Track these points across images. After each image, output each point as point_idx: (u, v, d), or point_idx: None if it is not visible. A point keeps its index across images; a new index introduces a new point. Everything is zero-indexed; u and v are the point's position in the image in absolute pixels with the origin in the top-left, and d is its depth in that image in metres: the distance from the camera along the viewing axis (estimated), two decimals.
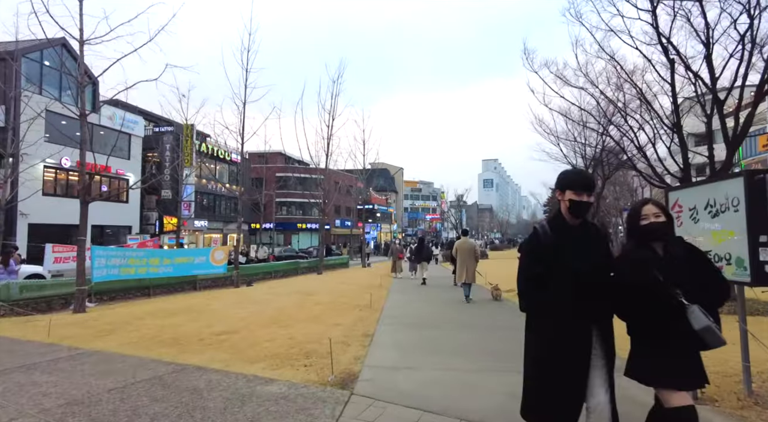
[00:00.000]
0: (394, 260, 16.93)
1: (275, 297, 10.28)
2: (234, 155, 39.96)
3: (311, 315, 7.67)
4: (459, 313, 8.75)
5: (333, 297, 10.06)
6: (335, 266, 25.94)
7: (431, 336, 6.44)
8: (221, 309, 8.64)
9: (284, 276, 20.44)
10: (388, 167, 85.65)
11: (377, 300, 9.91)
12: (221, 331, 6.52)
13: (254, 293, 11.82)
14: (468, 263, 10.25)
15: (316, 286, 13.07)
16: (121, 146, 28.51)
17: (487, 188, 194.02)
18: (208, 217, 35.96)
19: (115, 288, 12.58)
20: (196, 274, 14.35)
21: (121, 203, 28.50)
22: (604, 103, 9.33)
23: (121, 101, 31.58)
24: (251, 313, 8.03)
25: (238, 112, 15.91)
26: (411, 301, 10.42)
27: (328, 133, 21.00)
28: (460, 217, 67.99)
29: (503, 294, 11.77)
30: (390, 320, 7.66)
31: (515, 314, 9.17)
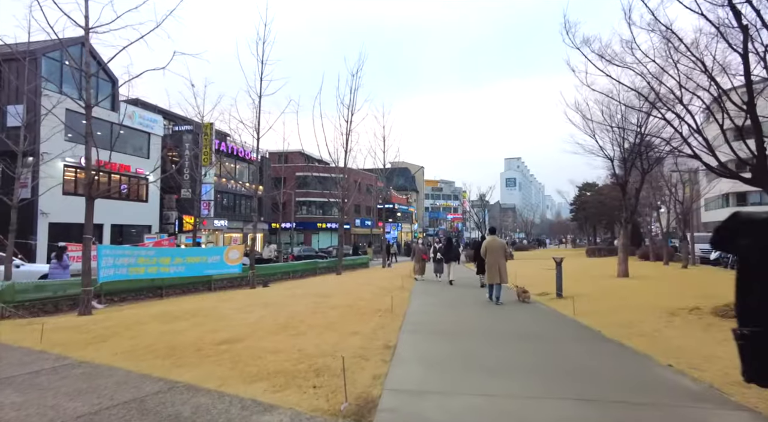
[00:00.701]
0: (417, 260, 15.85)
1: (289, 300, 9.56)
2: (254, 154, 39.84)
3: (326, 322, 6.88)
4: (491, 319, 7.84)
5: (351, 300, 9.28)
6: (355, 266, 25.21)
7: (463, 348, 5.56)
8: (230, 313, 7.95)
9: (302, 277, 19.81)
10: (408, 166, 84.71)
11: (399, 304, 9.08)
12: (224, 339, 5.79)
13: (269, 294, 11.14)
14: (500, 263, 9.80)
15: (333, 287, 12.33)
16: (141, 144, 28.51)
17: (510, 187, 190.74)
18: (228, 216, 35.80)
19: (126, 289, 12.10)
20: (209, 274, 13.79)
21: (140, 202, 28.48)
22: (656, 83, 8.23)
23: (141, 100, 31.74)
24: (261, 318, 7.31)
25: (254, 106, 15.35)
26: (436, 305, 9.54)
27: (347, 128, 20.30)
28: (484, 216, 66.48)
29: (533, 296, 10.81)
30: (414, 327, 6.81)
31: (553, 320, 8.27)
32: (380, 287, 12.03)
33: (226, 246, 14.95)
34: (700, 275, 14.82)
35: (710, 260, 22.20)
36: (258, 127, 15.31)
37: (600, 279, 13.75)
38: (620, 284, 12.31)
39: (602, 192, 44.92)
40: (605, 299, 9.59)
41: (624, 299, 9.54)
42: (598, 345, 5.81)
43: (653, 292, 10.37)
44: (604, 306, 8.70)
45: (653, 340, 5.87)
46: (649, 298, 9.39)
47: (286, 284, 15.96)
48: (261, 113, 15.35)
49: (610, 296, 10.10)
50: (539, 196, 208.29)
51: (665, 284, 12.04)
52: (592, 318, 7.63)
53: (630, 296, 9.95)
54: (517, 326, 7.28)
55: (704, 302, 8.31)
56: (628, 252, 14.16)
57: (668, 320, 7.08)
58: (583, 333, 6.62)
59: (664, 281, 12.84)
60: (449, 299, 10.60)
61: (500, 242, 10.23)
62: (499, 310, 8.89)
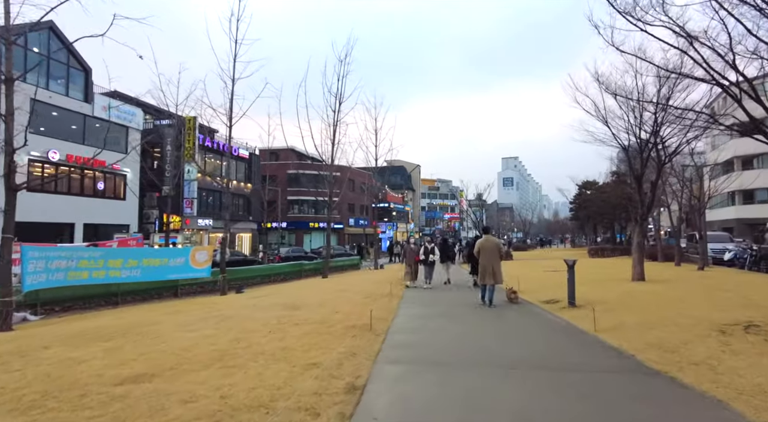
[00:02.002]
0: (409, 263, 13.54)
1: (251, 312, 7.97)
2: (242, 150, 38.14)
3: (280, 346, 5.30)
4: (495, 338, 6.28)
5: (325, 313, 7.70)
6: (345, 267, 23.65)
7: (461, 389, 4.00)
8: (169, 331, 6.36)
9: (285, 280, 18.24)
10: (404, 165, 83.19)
11: (382, 317, 7.51)
12: (132, 375, 4.22)
13: (233, 304, 9.53)
14: (494, 263, 9.34)
15: (311, 295, 10.73)
16: (118, 139, 26.80)
17: (507, 186, 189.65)
18: (213, 215, 34.11)
19: (72, 296, 10.50)
20: (173, 279, 12.18)
21: (117, 200, 26.78)
22: (703, 39, 6.68)
23: (119, 92, 29.99)
24: (202, 339, 5.72)
25: (227, 91, 13.75)
26: (427, 317, 7.97)
27: (335, 119, 18.72)
28: (481, 216, 64.99)
29: (541, 304, 9.28)
30: (395, 354, 5.25)
31: (572, 340, 6.52)
32: (365, 295, 10.45)
33: (191, 247, 13.36)
34: (723, 278, 13.31)
35: (724, 260, 20.73)
36: (230, 114, 13.73)
37: (614, 283, 12.21)
38: (639, 289, 10.77)
39: (604, 190, 43.45)
40: (628, 310, 8.05)
41: (650, 309, 8.00)
42: (643, 381, 4.27)
43: (682, 300, 8.83)
44: (629, 319, 7.16)
45: (716, 374, 4.34)
46: (681, 308, 7.86)
47: (263, 289, 14.39)
48: (235, 99, 13.76)
49: (633, 305, 8.56)
50: (536, 195, 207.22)
51: (691, 289, 10.51)
52: (619, 337, 6.09)
53: (656, 305, 8.41)
54: (527, 347, 5.72)
55: (755, 314, 6.78)
56: (643, 253, 12.62)
57: (721, 340, 5.54)
58: (614, 360, 5.07)
59: (687, 285, 11.31)
60: (443, 309, 9.03)
61: (494, 242, 9.76)
62: (503, 324, 7.35)
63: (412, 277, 13.50)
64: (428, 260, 13.23)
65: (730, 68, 6.06)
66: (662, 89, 11.00)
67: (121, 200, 26.87)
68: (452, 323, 7.41)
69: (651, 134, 12.47)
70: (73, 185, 24.40)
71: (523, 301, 10.34)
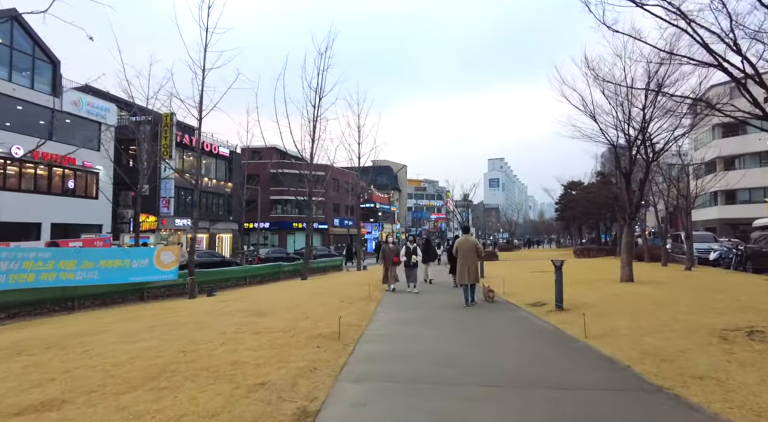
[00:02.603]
0: (387, 266, 12.21)
1: (211, 319, 7.24)
2: (222, 148, 37.11)
3: (230, 360, 4.60)
4: (477, 346, 5.67)
5: (291, 319, 7.00)
6: (326, 268, 22.91)
7: (436, 414, 3.37)
8: (109, 342, 5.61)
9: (262, 282, 17.45)
10: (391, 165, 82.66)
11: (355, 324, 6.86)
12: (37, 402, 3.50)
13: (194, 309, 8.76)
14: (470, 263, 9.29)
15: (283, 298, 10.01)
16: (90, 135, 25.64)
17: (494, 187, 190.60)
18: (191, 215, 32.98)
19: (17, 302, 9.58)
20: (135, 281, 11.34)
21: (89, 199, 25.60)
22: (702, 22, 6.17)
23: (93, 87, 28.79)
24: (141, 352, 4.99)
25: (198, 82, 12.94)
26: (405, 323, 7.34)
27: (314, 114, 17.99)
28: (467, 216, 64.76)
29: (526, 307, 8.73)
30: (363, 368, 4.60)
31: (561, 348, 5.57)
32: (341, 298, 9.78)
33: (156, 247, 12.52)
34: (712, 279, 12.97)
35: (709, 260, 20.55)
36: (200, 107, 12.92)
37: (602, 285, 11.75)
38: (629, 291, 10.31)
39: (589, 190, 43.45)
40: (619, 314, 7.53)
41: (642, 312, 7.49)
42: (644, 401, 3.69)
43: (674, 302, 8.35)
44: (621, 324, 6.63)
45: (726, 390, 3.79)
46: (674, 312, 7.36)
47: (236, 292, 13.60)
48: (209, 92, 12.96)
49: (623, 308, 8.05)
50: (522, 196, 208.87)
51: (682, 291, 10.08)
52: (612, 344, 5.55)
53: (648, 308, 7.91)
54: (512, 359, 5.12)
55: (755, 318, 6.30)
56: (632, 254, 12.19)
57: (724, 349, 5.01)
58: (609, 373, 4.50)
59: (677, 287, 10.89)
60: (422, 313, 8.40)
61: (472, 242, 9.67)
62: (486, 330, 6.76)
63: (391, 280, 12.22)
64: (411, 262, 12.03)
65: (731, 51, 5.57)
66: (652, 81, 10.55)
67: (92, 199, 25.69)
68: (431, 329, 6.79)
69: (639, 130, 12.07)
70: (41, 182, 23.23)
71: (509, 304, 9.79)
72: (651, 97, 11.06)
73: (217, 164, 37.09)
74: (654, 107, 11.65)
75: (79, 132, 25.26)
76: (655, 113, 11.59)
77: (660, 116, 11.94)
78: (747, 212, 37.26)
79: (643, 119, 11.57)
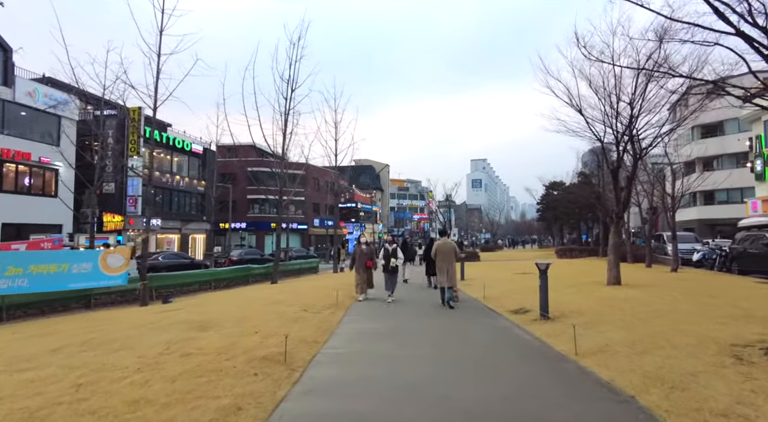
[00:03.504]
0: (360, 270, 10.16)
1: (141, 334, 6.16)
2: (195, 145, 35.56)
3: (135, 397, 3.58)
4: (455, 366, 4.77)
5: (236, 335, 5.99)
6: (301, 271, 21.84)
7: None
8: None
9: (229, 286, 16.30)
10: (373, 164, 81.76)
11: (311, 340, 5.91)
12: None
13: (128, 322, 7.61)
14: (449, 266, 9.27)
15: (239, 306, 8.93)
16: (48, 129, 24.01)
17: (476, 188, 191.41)
18: (162, 215, 31.49)
19: None
20: (77, 288, 10.14)
21: (47, 197, 23.94)
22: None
23: (53, 79, 27.09)
24: (22, 386, 3.94)
25: (153, 69, 11.77)
26: (372, 337, 6.41)
27: (286, 107, 16.93)
28: (450, 216, 64.18)
29: (508, 314, 7.89)
30: (305, 406, 3.64)
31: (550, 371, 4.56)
32: (304, 306, 8.78)
33: (101, 250, 11.29)
34: (702, 281, 12.39)
35: (693, 261, 20.17)
36: (156, 95, 11.75)
37: (588, 288, 11.02)
38: (617, 296, 9.57)
39: (571, 191, 43.29)
40: (610, 323, 6.74)
41: (636, 322, 6.72)
42: None
43: (670, 310, 7.62)
44: (615, 337, 5.82)
45: None
46: (672, 321, 6.60)
47: (195, 298, 12.48)
48: (164, 79, 11.81)
49: (614, 316, 7.27)
50: (504, 197, 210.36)
51: (674, 295, 9.39)
52: (608, 364, 4.73)
53: (642, 316, 7.15)
54: (493, 386, 4.22)
55: (764, 331, 5.56)
56: (619, 255, 11.51)
57: (741, 371, 4.22)
58: (611, 406, 3.64)
59: (668, 291, 10.23)
60: (394, 323, 7.48)
61: (451, 245, 9.69)
62: (465, 346, 5.88)
63: (363, 288, 10.21)
64: (389, 266, 10.13)
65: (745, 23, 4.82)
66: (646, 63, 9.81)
67: (51, 198, 24.04)
68: (400, 345, 5.86)
69: (627, 125, 11.39)
70: None
71: (489, 311, 8.96)
72: (641, 88, 10.36)
73: (189, 162, 35.56)
74: (643, 99, 10.99)
75: (36, 126, 23.64)
76: (644, 105, 10.92)
77: (649, 110, 11.30)
78: (725, 212, 37.48)
79: (630, 112, 10.88)
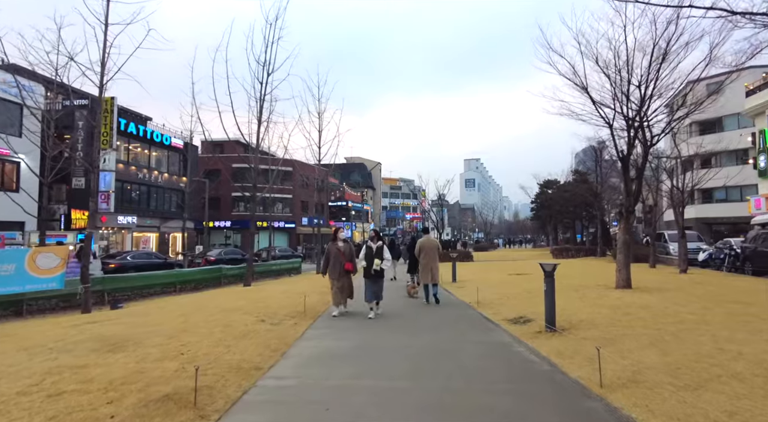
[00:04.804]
0: (336, 276, 7.77)
1: (32, 355, 4.70)
2: (175, 139, 33.83)
3: None
4: (441, 408, 3.37)
5: (151, 359, 4.55)
6: (281, 272, 20.36)
7: None
8: None
9: (198, 288, 14.80)
10: (364, 162, 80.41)
11: (250, 365, 4.50)
12: None
13: (31, 337, 6.10)
14: (432, 263, 9.34)
15: (181, 315, 7.40)
16: (10, 119, 22.30)
17: (469, 187, 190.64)
18: (138, 212, 29.83)
19: None
20: None
21: (7, 192, 22.19)
22: None
23: (17, 65, 25.39)
24: None
25: (99, 41, 10.23)
26: (332, 361, 5.00)
27: (262, 92, 15.46)
28: (442, 215, 62.92)
29: (504, 324, 6.50)
30: None
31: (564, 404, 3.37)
32: (264, 315, 7.34)
33: (28, 249, 9.78)
34: (719, 284, 11.14)
35: (698, 261, 18.99)
36: (103, 70, 10.21)
37: (595, 292, 9.69)
38: (632, 301, 8.25)
39: (566, 189, 42.13)
40: (635, 339, 5.39)
41: (667, 338, 5.38)
42: None
43: (701, 321, 6.30)
44: (647, 360, 4.48)
45: None
46: (711, 337, 5.27)
47: (149, 304, 11.00)
48: (118, 55, 10.29)
49: (637, 329, 5.93)
50: (497, 197, 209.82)
51: (698, 302, 8.09)
52: (650, 406, 3.37)
53: (670, 329, 5.82)
54: None
55: None
56: (630, 254, 10.20)
57: None
58: None
59: (687, 295, 8.93)
60: (365, 339, 6.06)
61: (434, 243, 9.78)
62: (454, 373, 4.46)
63: (340, 299, 7.76)
64: (372, 270, 7.72)
65: None
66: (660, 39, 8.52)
67: (12, 193, 22.29)
68: (370, 374, 4.45)
69: (637, 108, 10.07)
70: None
71: (484, 319, 7.59)
72: (656, 63, 9.06)
73: (169, 157, 33.87)
74: (657, 78, 9.69)
75: None
76: (659, 83, 9.62)
77: (659, 93, 10.00)
78: (724, 211, 36.53)
79: (643, 93, 9.56)
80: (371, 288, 7.80)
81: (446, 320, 7.58)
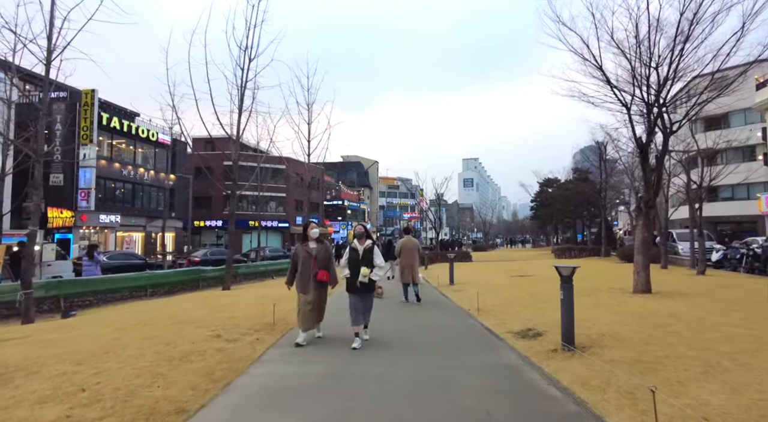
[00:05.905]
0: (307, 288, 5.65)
1: None
2: (162, 135, 32.52)
3: None
4: None
5: (39, 399, 3.37)
6: (266, 273, 19.15)
7: None
8: None
9: (172, 292, 13.57)
10: (361, 160, 79.21)
11: (168, 409, 3.29)
12: None
13: None
14: (413, 262, 9.33)
15: (116, 330, 6.22)
16: None
17: (468, 187, 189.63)
18: (122, 211, 28.55)
19: None
20: None
21: None
22: None
23: None
24: None
25: (45, 11, 8.98)
26: (292, 396, 3.83)
27: (243, 79, 14.26)
28: (440, 214, 61.76)
29: (509, 337, 5.31)
30: None
31: None
32: (222, 329, 6.13)
33: None
34: (746, 286, 9.99)
35: (711, 262, 17.84)
36: (49, 45, 8.96)
37: (611, 298, 8.52)
38: (657, 309, 7.08)
39: (566, 187, 41.00)
40: (679, 362, 4.21)
41: (720, 359, 4.20)
42: None
43: (750, 334, 5.13)
44: (712, 397, 3.31)
45: None
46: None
47: (106, 310, 9.78)
48: (61, 23, 9.02)
49: (676, 348, 4.75)
50: (496, 196, 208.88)
51: (733, 309, 6.93)
52: None
53: (717, 347, 4.64)
54: None
55: None
56: (649, 255, 9.02)
57: None
58: None
59: (717, 301, 7.78)
60: (335, 366, 4.87)
61: (414, 243, 9.77)
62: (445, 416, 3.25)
63: (309, 320, 5.65)
64: (358, 283, 5.58)
65: None
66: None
67: None
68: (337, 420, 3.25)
69: (657, 91, 8.90)
70: None
71: (486, 331, 6.40)
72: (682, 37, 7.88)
73: (156, 154, 32.57)
74: (681, 55, 8.52)
75: None
76: (683, 61, 8.45)
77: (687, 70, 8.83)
78: (729, 209, 35.42)
79: (668, 71, 8.39)
80: (357, 307, 5.58)
81: (441, 333, 6.39)
